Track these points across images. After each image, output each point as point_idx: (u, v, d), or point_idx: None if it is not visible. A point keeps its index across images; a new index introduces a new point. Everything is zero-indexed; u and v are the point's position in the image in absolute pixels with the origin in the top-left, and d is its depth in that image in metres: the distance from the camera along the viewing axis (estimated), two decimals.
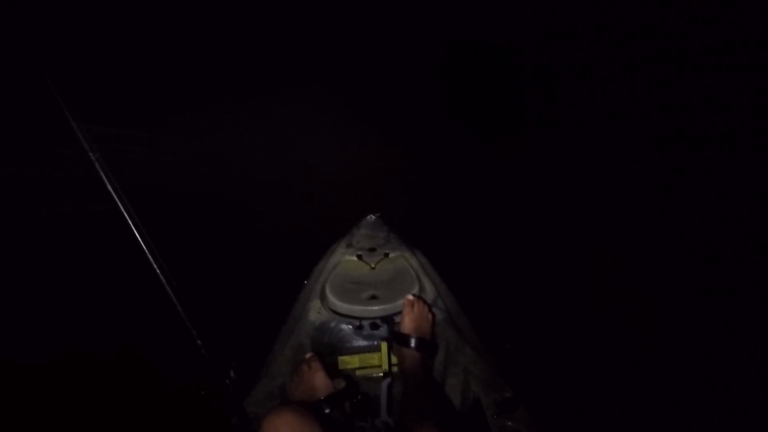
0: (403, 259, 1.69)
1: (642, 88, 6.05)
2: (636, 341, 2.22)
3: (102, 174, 0.96)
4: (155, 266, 0.96)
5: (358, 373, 1.32)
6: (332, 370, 1.21)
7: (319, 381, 1.11)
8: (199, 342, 0.98)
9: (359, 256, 1.70)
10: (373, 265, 1.65)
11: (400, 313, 1.44)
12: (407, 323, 1.29)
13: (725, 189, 3.48)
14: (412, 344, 1.23)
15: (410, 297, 1.35)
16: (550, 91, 6.41)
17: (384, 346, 1.30)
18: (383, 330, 1.42)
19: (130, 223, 0.96)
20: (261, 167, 4.39)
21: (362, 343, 1.42)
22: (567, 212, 3.57)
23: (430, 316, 1.36)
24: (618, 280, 2.74)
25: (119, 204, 0.96)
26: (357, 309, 1.45)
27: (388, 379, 1.21)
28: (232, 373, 1.01)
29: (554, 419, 1.31)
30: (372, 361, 1.33)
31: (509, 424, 1.07)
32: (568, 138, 4.92)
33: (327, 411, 1.04)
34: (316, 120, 5.43)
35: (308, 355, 1.19)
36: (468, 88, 6.87)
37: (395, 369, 1.30)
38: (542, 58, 7.51)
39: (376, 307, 1.45)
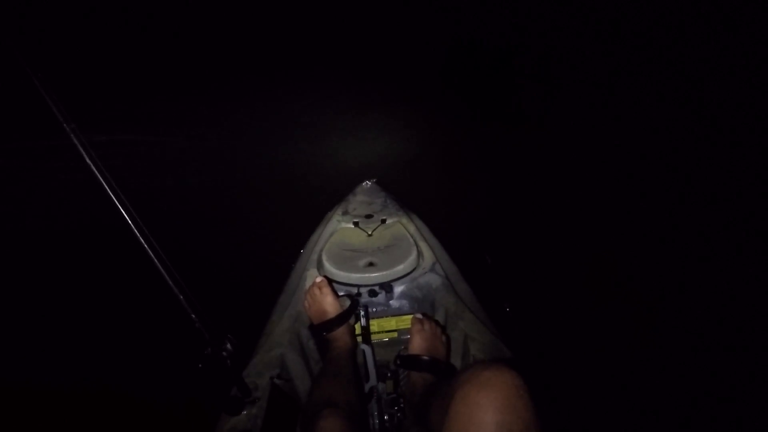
0: (401, 225, 1.66)
1: (642, 88, 5.98)
2: (629, 306, 2.24)
3: (80, 149, 0.90)
4: (142, 239, 0.92)
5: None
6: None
7: (329, 304, 1.26)
8: (194, 316, 0.96)
9: (356, 223, 1.67)
10: (370, 232, 1.62)
11: (397, 279, 1.43)
12: (418, 343, 1.15)
13: (725, 188, 3.48)
14: (424, 365, 1.10)
15: (419, 315, 1.21)
16: (550, 87, 6.33)
17: (389, 382, 1.25)
18: (381, 297, 1.40)
19: (114, 198, 0.91)
20: (256, 141, 4.31)
21: (360, 302, 1.40)
22: (566, 181, 3.54)
23: (444, 337, 1.21)
24: (617, 252, 2.73)
25: (103, 183, 0.91)
26: (355, 277, 1.43)
27: (368, 346, 1.23)
28: (229, 345, 0.99)
29: (554, 381, 1.33)
30: (371, 327, 1.33)
31: None
32: (569, 127, 4.86)
33: (336, 324, 1.22)
34: (314, 108, 5.36)
35: (318, 279, 1.32)
36: (468, 81, 6.81)
37: (377, 339, 1.35)
38: (542, 57, 7.41)
39: (373, 274, 1.43)
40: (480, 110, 5.58)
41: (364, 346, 1.23)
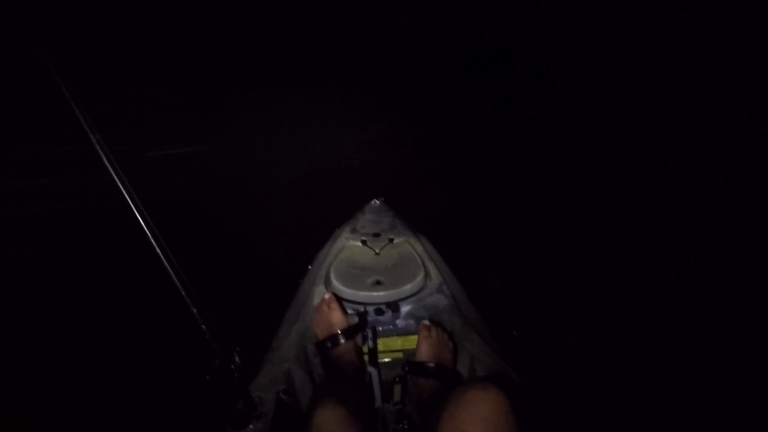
0: (408, 245, 1.67)
1: (642, 88, 6.04)
2: (642, 328, 2.22)
3: (107, 163, 0.94)
4: (159, 251, 0.94)
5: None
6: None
7: (337, 318, 1.26)
8: (204, 327, 0.97)
9: (363, 242, 1.68)
10: (377, 251, 1.64)
11: (404, 299, 1.43)
12: (425, 349, 1.16)
13: (725, 188, 3.48)
14: (431, 372, 1.10)
15: (426, 322, 1.23)
16: (550, 89, 6.39)
17: (397, 387, 1.23)
18: (388, 316, 1.41)
19: (134, 209, 0.94)
20: (265, 155, 4.36)
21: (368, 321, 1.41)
22: (570, 201, 3.55)
23: (451, 343, 1.22)
24: (625, 270, 2.73)
25: (123, 191, 0.94)
26: (361, 295, 1.44)
27: (399, 405, 1.18)
28: (236, 358, 1.00)
29: (561, 405, 1.32)
30: (378, 346, 1.33)
31: None
32: (570, 136, 4.91)
33: (343, 341, 1.21)
34: (319, 114, 5.42)
35: (326, 295, 1.31)
36: (468, 84, 6.87)
37: (381, 359, 1.33)
38: (542, 58, 7.49)
39: (380, 293, 1.44)
40: (480, 112, 5.59)
41: (371, 368, 1.20)
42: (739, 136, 4.41)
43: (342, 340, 1.21)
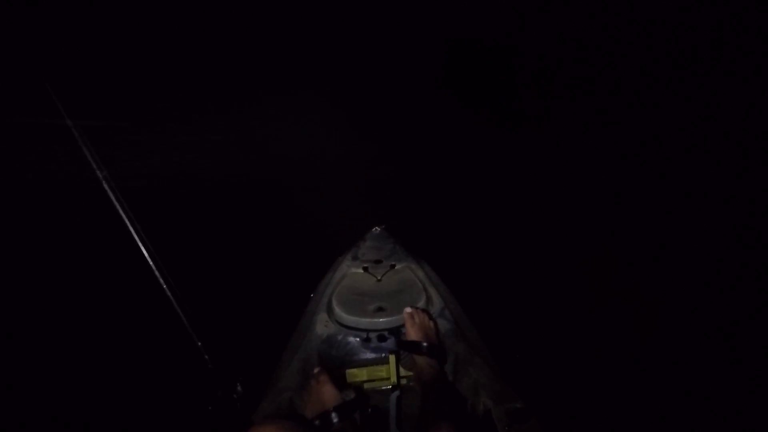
0: (410, 271, 1.69)
1: (642, 88, 6.06)
2: (650, 355, 2.18)
3: (110, 194, 0.98)
4: (162, 282, 0.97)
5: (366, 386, 1.31)
6: (341, 383, 1.21)
7: (328, 393, 1.10)
8: (207, 356, 0.98)
9: (365, 268, 1.70)
10: (379, 277, 1.65)
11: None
12: (413, 333, 1.29)
13: (725, 187, 3.48)
14: (425, 350, 1.22)
15: (408, 310, 1.35)
16: (551, 91, 6.42)
17: (392, 358, 1.28)
18: (391, 342, 1.40)
19: (138, 241, 0.97)
20: (266, 181, 4.42)
21: (370, 355, 1.40)
22: (573, 222, 3.56)
23: (432, 324, 1.35)
24: (630, 292, 2.71)
25: (127, 223, 0.98)
26: (364, 321, 1.44)
27: (397, 392, 1.19)
28: (239, 387, 1.01)
29: (566, 430, 1.29)
30: (380, 373, 1.32)
31: None
32: (571, 142, 4.92)
33: (336, 421, 1.03)
34: (319, 130, 5.46)
35: (316, 370, 1.18)
36: (470, 89, 6.90)
37: (404, 381, 1.29)
38: (542, 57, 7.55)
39: (383, 319, 1.44)
40: (480, 115, 5.61)
41: (394, 394, 1.16)
42: (739, 136, 4.41)
43: (335, 419, 1.04)
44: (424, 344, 1.24)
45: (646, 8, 7.52)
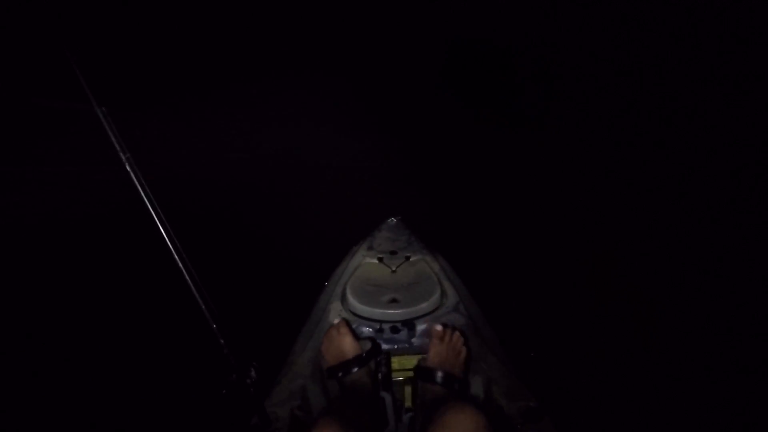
0: (425, 263, 1.67)
1: (642, 88, 5.96)
2: (669, 356, 2.14)
3: (132, 176, 0.98)
4: (182, 268, 0.98)
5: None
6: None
7: (348, 344, 1.19)
8: (222, 341, 0.99)
9: (380, 259, 1.69)
10: (394, 269, 1.64)
11: (420, 317, 1.43)
12: (434, 356, 1.15)
13: (725, 187, 3.41)
14: (438, 380, 1.09)
15: (439, 327, 1.20)
16: (553, 90, 6.36)
17: (408, 389, 1.25)
18: (403, 334, 1.40)
19: (159, 224, 0.98)
20: (281, 172, 4.45)
21: (383, 346, 1.40)
22: (588, 219, 3.50)
23: (464, 350, 1.19)
24: (648, 291, 2.66)
25: (150, 208, 0.98)
26: (377, 312, 1.44)
27: (411, 414, 1.18)
28: (253, 373, 1.01)
29: (580, 430, 1.28)
30: (392, 365, 1.32)
31: None
32: (576, 139, 4.87)
33: (355, 369, 1.13)
34: (333, 125, 5.48)
35: (337, 320, 1.25)
36: (471, 88, 6.86)
37: (395, 377, 1.30)
38: (544, 58, 7.46)
39: (396, 311, 1.43)
40: (484, 115, 5.60)
41: (384, 394, 1.18)
42: (739, 135, 4.37)
43: (354, 368, 1.14)
44: (439, 372, 1.10)
45: (647, 8, 7.42)
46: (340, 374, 1.14)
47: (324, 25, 8.68)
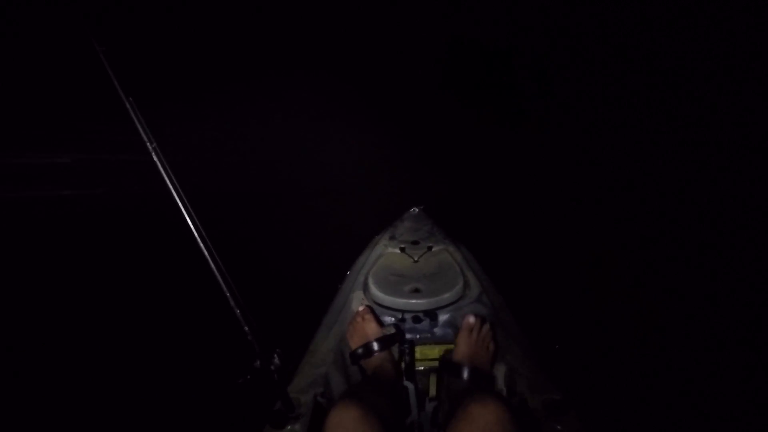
0: (447, 253, 1.66)
1: (642, 88, 5.85)
2: (698, 351, 2.07)
3: (160, 168, 1.00)
4: (207, 255, 0.99)
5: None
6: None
7: (371, 328, 1.24)
8: (246, 328, 1.00)
9: (402, 249, 1.68)
10: (416, 259, 1.63)
11: (443, 307, 1.42)
12: (462, 350, 1.15)
13: (725, 187, 3.31)
14: (465, 375, 1.09)
15: (471, 320, 1.18)
16: (550, 89, 6.30)
17: (433, 377, 1.24)
18: (425, 324, 1.39)
19: (184, 212, 1.00)
20: (303, 163, 4.49)
21: (405, 336, 1.40)
22: (612, 211, 3.41)
23: (492, 344, 1.20)
24: (676, 279, 2.57)
25: (175, 197, 1.00)
26: (400, 302, 1.43)
27: (434, 403, 1.17)
28: (277, 359, 1.02)
29: (606, 425, 1.25)
30: (415, 354, 1.32)
31: (558, 428, 1.01)
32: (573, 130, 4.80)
33: (377, 349, 1.19)
34: (347, 122, 5.53)
35: (361, 307, 1.31)
36: (469, 82, 6.84)
37: (418, 367, 1.31)
38: (544, 58, 7.39)
39: (418, 301, 1.43)
40: (488, 113, 5.56)
41: (406, 382, 1.17)
42: (740, 135, 4.29)
43: (376, 348, 1.19)
44: (466, 368, 1.09)
45: (646, 8, 7.27)
46: (361, 352, 1.19)
47: (338, 29, 8.85)
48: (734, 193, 3.25)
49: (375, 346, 1.19)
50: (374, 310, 1.44)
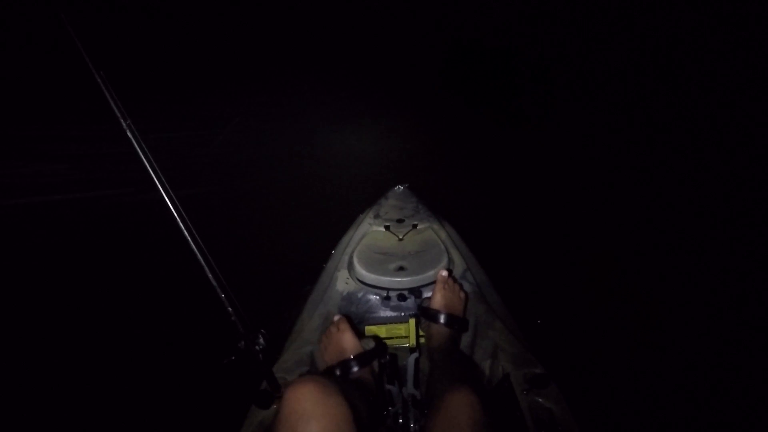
0: (432, 231, 1.66)
1: (642, 88, 5.94)
2: (672, 317, 2.15)
3: (138, 148, 0.95)
4: (187, 235, 0.96)
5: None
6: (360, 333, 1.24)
7: (348, 342, 1.10)
8: (230, 309, 0.99)
9: (387, 227, 1.68)
10: (401, 237, 1.63)
11: (427, 285, 1.43)
12: (438, 299, 1.25)
13: (725, 187, 3.41)
14: (442, 320, 1.21)
15: (443, 273, 1.29)
16: (550, 88, 6.35)
17: (412, 321, 1.28)
18: (410, 302, 1.41)
19: (163, 194, 0.96)
20: (286, 145, 4.42)
21: (389, 313, 1.41)
22: (598, 190, 3.47)
23: (462, 294, 1.32)
24: (656, 257, 2.65)
25: (153, 176, 0.96)
26: (384, 280, 1.44)
27: (416, 354, 1.16)
28: (261, 340, 1.02)
29: (586, 397, 1.29)
30: (398, 332, 1.33)
31: (539, 400, 1.04)
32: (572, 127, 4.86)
33: (355, 369, 1.05)
34: (334, 109, 5.54)
35: (336, 318, 1.18)
36: (469, 82, 6.88)
37: (423, 342, 1.30)
38: (543, 57, 7.44)
39: (403, 279, 1.43)
40: (485, 109, 5.60)
41: (389, 387, 1.11)
42: (740, 133, 4.34)
43: (354, 368, 1.05)
44: (443, 314, 1.22)
45: (647, 8, 7.38)
46: (338, 372, 1.05)
47: (327, 27, 8.81)
48: (734, 193, 3.30)
49: (353, 366, 1.05)
50: (357, 291, 1.44)
